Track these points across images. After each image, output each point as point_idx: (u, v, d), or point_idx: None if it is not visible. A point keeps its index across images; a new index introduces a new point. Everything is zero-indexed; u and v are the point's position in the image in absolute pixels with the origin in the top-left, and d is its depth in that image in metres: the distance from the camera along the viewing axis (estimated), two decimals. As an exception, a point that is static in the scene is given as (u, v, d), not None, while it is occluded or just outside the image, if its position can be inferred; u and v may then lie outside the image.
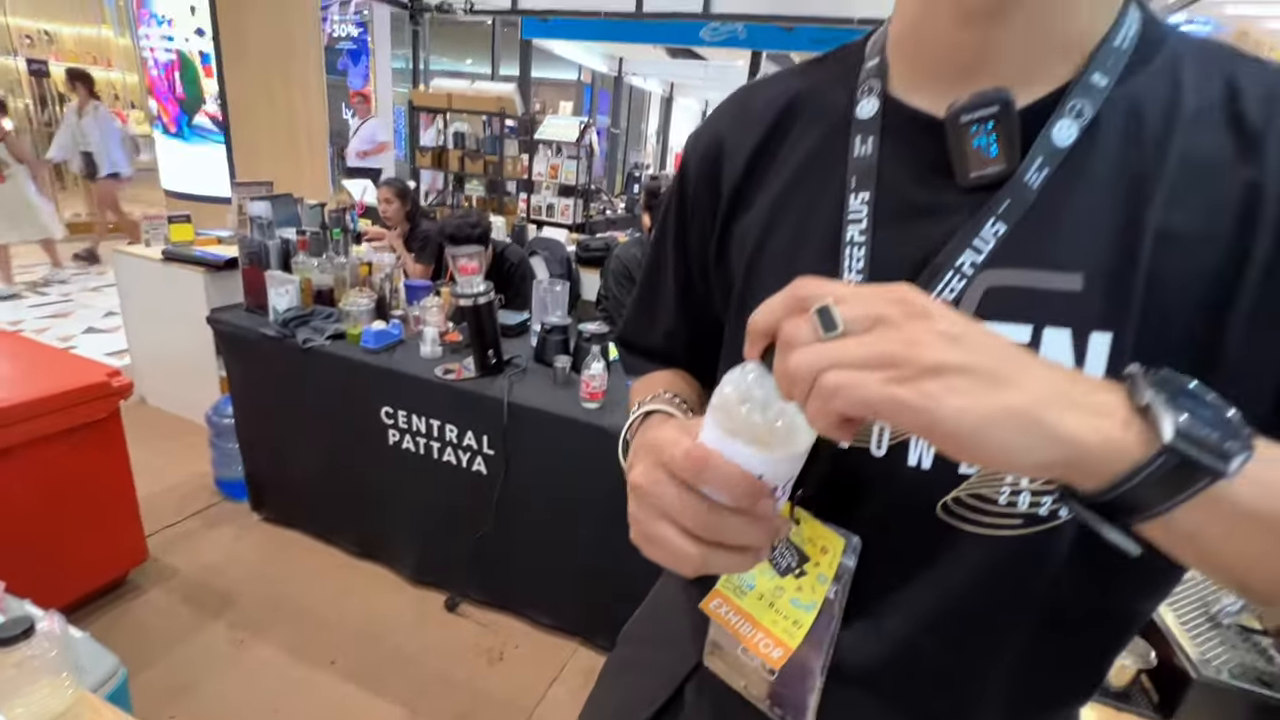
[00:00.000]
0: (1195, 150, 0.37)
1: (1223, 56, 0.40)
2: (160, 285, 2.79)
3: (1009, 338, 0.31)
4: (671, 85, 12.02)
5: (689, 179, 0.55)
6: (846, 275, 0.44)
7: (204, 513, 2.33)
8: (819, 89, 0.50)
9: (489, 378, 1.79)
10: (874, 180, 0.44)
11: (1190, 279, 0.36)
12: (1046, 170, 0.39)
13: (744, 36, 4.72)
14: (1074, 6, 0.38)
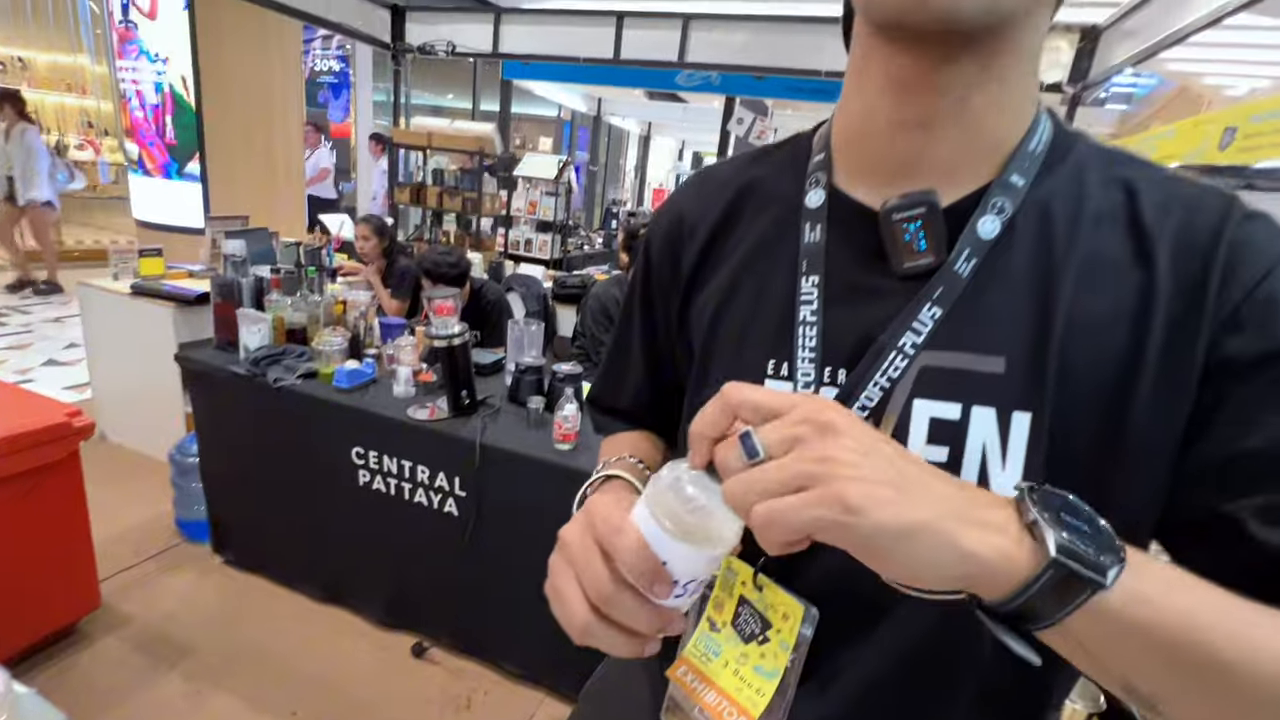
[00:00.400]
0: (1099, 249, 0.42)
1: (1122, 163, 0.45)
2: (127, 319, 2.74)
3: (913, 453, 0.34)
4: (649, 124, 12.33)
5: (653, 255, 0.59)
6: (800, 353, 0.47)
7: (162, 555, 2.25)
8: (771, 176, 0.54)
9: (462, 418, 1.79)
10: (823, 264, 0.48)
11: (1096, 365, 0.40)
12: (974, 260, 0.43)
13: (718, 83, 4.90)
14: (995, 117, 0.43)
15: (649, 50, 3.78)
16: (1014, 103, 0.43)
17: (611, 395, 0.69)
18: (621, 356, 0.66)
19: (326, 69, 8.51)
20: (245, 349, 1.99)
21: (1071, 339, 0.41)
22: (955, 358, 0.43)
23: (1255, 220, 0.41)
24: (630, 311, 0.63)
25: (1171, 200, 0.42)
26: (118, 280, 2.82)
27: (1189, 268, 0.40)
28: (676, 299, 0.57)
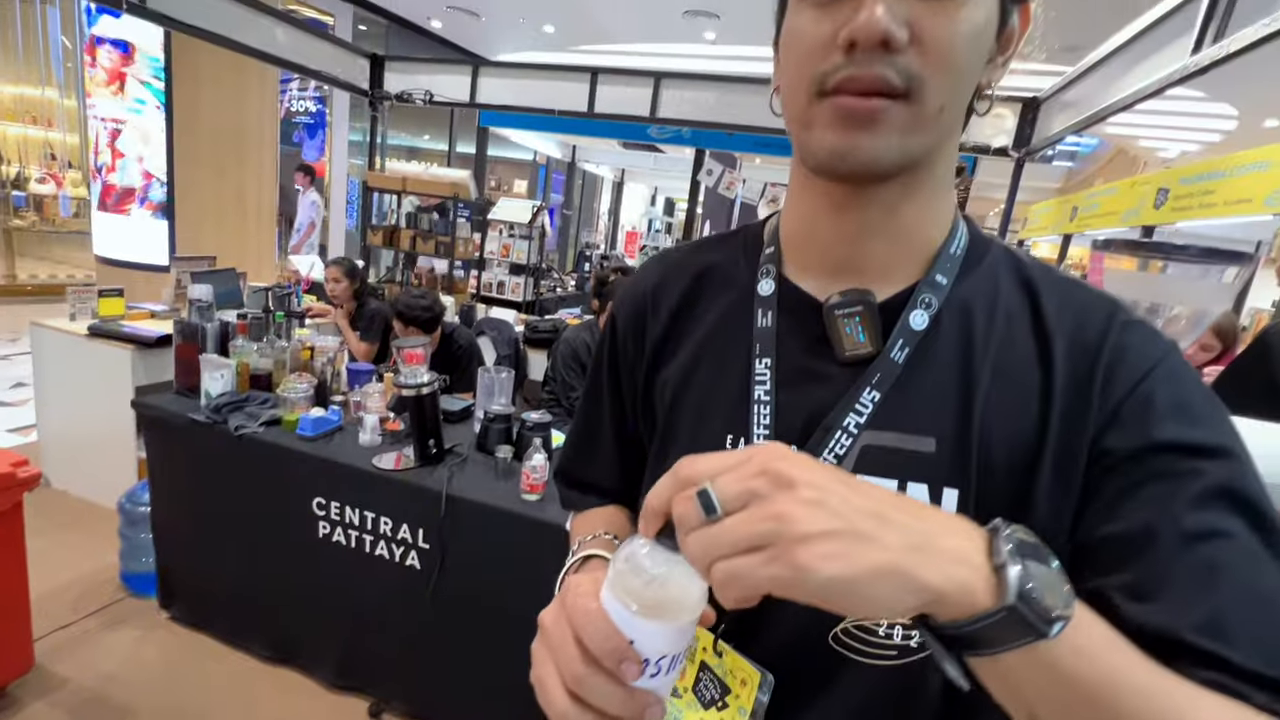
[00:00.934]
0: (1009, 346, 0.47)
1: (1027, 267, 0.51)
2: (82, 360, 2.66)
3: (870, 484, 0.35)
4: (623, 171, 12.65)
5: (619, 330, 0.62)
6: (756, 429, 0.51)
7: (104, 611, 2.13)
8: (726, 262, 0.59)
9: (428, 467, 1.77)
10: (774, 348, 0.52)
11: (1010, 451, 0.45)
12: (907, 349, 0.48)
13: (688, 136, 5.09)
14: (918, 226, 0.49)
15: (622, 105, 3.92)
16: (934, 213, 0.50)
17: (581, 468, 0.70)
18: (590, 428, 0.67)
19: (303, 109, 8.56)
20: (207, 395, 1.95)
21: (989, 425, 0.46)
22: (892, 437, 0.47)
23: (1134, 326, 0.46)
24: (599, 383, 0.65)
25: (1066, 305, 0.47)
26: (74, 321, 2.75)
27: (1080, 367, 0.45)
28: (641, 372, 0.60)
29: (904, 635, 0.47)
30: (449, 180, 4.33)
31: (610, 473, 0.67)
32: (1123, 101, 2.28)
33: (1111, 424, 0.43)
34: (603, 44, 8.40)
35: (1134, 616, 0.38)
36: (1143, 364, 0.44)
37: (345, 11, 8.10)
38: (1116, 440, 0.43)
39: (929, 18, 0.40)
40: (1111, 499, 0.42)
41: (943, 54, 0.41)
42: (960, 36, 0.41)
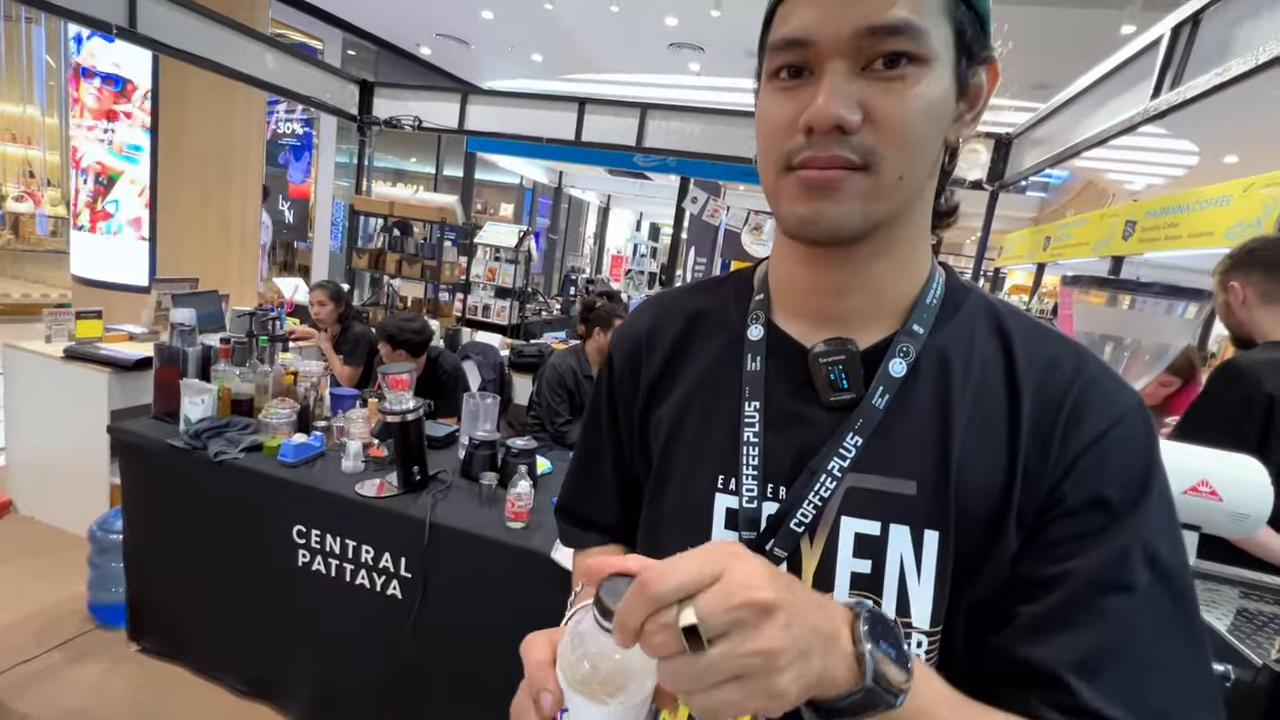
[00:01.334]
0: (983, 393, 0.50)
1: (1003, 316, 0.53)
2: (56, 384, 2.61)
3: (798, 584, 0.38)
4: (609, 196, 12.80)
5: (616, 368, 0.64)
6: (745, 470, 0.53)
7: (70, 644, 2.06)
8: (719, 307, 0.61)
9: (412, 494, 1.76)
10: (763, 391, 0.54)
11: (984, 495, 0.48)
12: (887, 396, 0.50)
13: (674, 165, 5.19)
14: (893, 280, 0.52)
15: (609, 134, 3.99)
16: (908, 268, 0.52)
17: (582, 504, 0.71)
18: (591, 464, 0.68)
19: (290, 131, 8.58)
20: (186, 420, 1.93)
21: (965, 471, 0.48)
22: (875, 480, 0.50)
23: (1096, 382, 0.49)
24: (598, 417, 0.67)
25: (1036, 355, 0.50)
26: (50, 343, 2.70)
27: (1044, 417, 0.48)
28: (637, 410, 0.62)
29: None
30: (436, 205, 4.36)
31: (611, 509, 0.68)
32: (1089, 141, 2.38)
33: (1067, 476, 0.47)
34: (590, 73, 8.57)
35: (1024, 650, 0.45)
36: (1101, 423, 0.47)
37: (335, 36, 8.18)
38: (1068, 492, 0.46)
39: (881, 97, 0.43)
40: (1049, 543, 0.47)
41: (896, 131, 0.43)
42: (913, 113, 0.43)
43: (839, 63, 0.43)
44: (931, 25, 0.43)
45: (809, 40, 0.43)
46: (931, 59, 0.43)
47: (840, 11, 0.42)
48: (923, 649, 0.49)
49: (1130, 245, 5.89)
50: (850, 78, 0.43)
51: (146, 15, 2.88)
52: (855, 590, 0.50)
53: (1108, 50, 2.33)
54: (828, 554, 0.50)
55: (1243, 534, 1.15)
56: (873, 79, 0.43)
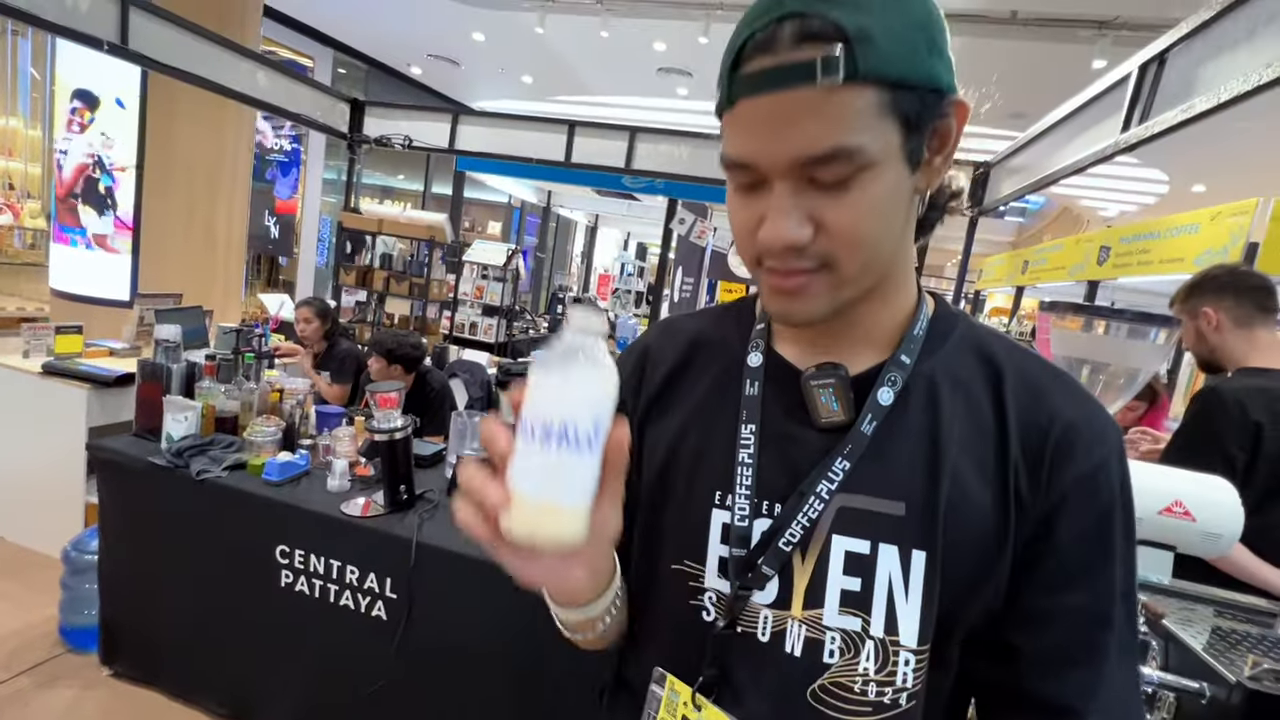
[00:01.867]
0: (970, 419, 0.52)
1: (991, 343, 0.55)
2: (32, 399, 2.56)
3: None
4: (597, 216, 12.89)
5: (621, 380, 0.66)
6: (739, 489, 0.54)
7: (40, 668, 2.00)
8: (720, 332, 0.63)
9: (398, 514, 1.75)
10: (759, 415, 0.56)
11: (970, 517, 0.50)
12: (875, 422, 0.52)
13: (661, 186, 5.26)
14: (878, 318, 0.55)
15: (598, 156, 4.05)
16: (892, 309, 0.55)
17: None
18: None
19: (277, 147, 8.58)
20: (169, 438, 1.90)
21: (954, 495, 0.50)
22: (865, 500, 0.51)
23: (1082, 413, 0.51)
24: None
25: (1022, 380, 0.53)
26: (28, 358, 2.65)
27: (1032, 441, 0.50)
28: (634, 425, 0.63)
29: (878, 693, 0.50)
30: (426, 223, 4.37)
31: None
32: (1064, 170, 2.46)
33: (1059, 507, 0.50)
34: (579, 95, 8.69)
35: (1033, 684, 0.51)
36: (1093, 455, 0.50)
37: (325, 55, 8.23)
38: (1061, 524, 0.50)
39: (830, 209, 0.45)
40: (1045, 577, 0.50)
41: (848, 236, 0.46)
42: (863, 217, 0.45)
43: (784, 183, 0.45)
44: (868, 136, 0.43)
45: (752, 164, 0.46)
46: (873, 163, 0.44)
47: (775, 144, 0.44)
48: (910, 666, 0.50)
49: (1105, 270, 6.05)
50: (797, 193, 0.45)
51: (138, 32, 2.90)
52: (845, 607, 0.51)
53: (1080, 83, 2.43)
54: (819, 570, 0.52)
55: (1215, 554, 1.18)
56: (820, 192, 0.45)
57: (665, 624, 0.59)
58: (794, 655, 0.52)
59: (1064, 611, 0.50)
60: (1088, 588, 0.50)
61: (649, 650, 0.61)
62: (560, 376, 0.41)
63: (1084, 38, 4.94)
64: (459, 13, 6.44)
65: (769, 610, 0.53)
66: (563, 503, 0.42)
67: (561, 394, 0.41)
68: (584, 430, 0.41)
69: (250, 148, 5.08)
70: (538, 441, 0.41)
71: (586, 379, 0.42)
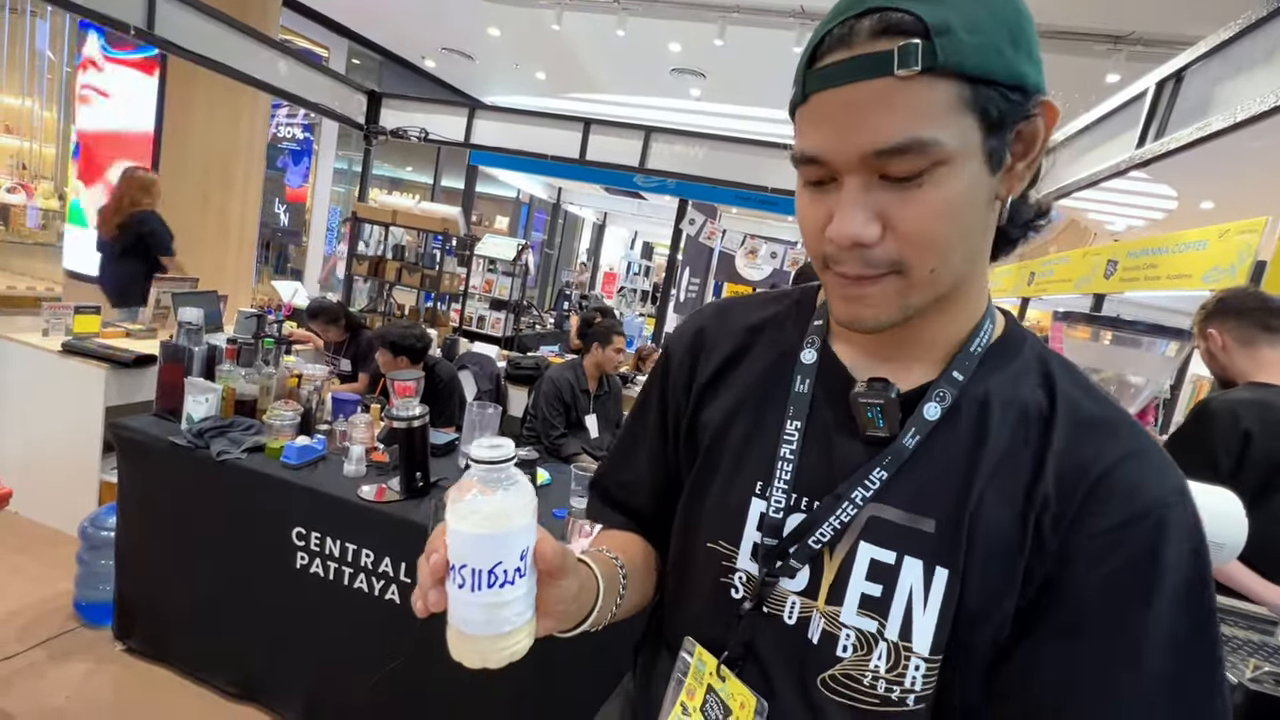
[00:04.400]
0: (1012, 446, 0.51)
1: (1055, 372, 0.53)
2: (51, 378, 2.59)
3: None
4: (605, 214, 12.92)
5: (673, 361, 0.68)
6: (777, 483, 0.56)
7: (54, 641, 2.04)
8: (778, 321, 0.64)
9: (413, 500, 1.78)
10: (806, 413, 0.57)
11: (993, 541, 0.50)
12: (919, 437, 0.53)
13: (673, 186, 5.29)
14: (938, 330, 0.54)
15: (612, 154, 4.08)
16: (956, 317, 0.54)
17: (614, 483, 0.73)
18: (633, 446, 0.72)
19: (290, 136, 8.61)
20: (189, 419, 1.93)
21: (978, 518, 0.50)
22: (897, 514, 0.52)
23: (1131, 461, 0.48)
24: (647, 406, 0.70)
25: (1079, 416, 0.51)
26: (47, 336, 2.69)
27: (1068, 478, 0.48)
28: (688, 403, 0.65)
29: (886, 687, 0.52)
30: (439, 215, 4.40)
31: (642, 495, 0.71)
32: (1076, 184, 2.49)
33: (1083, 554, 0.47)
34: (591, 93, 8.71)
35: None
36: (1130, 507, 0.47)
37: (341, 45, 8.26)
38: (1081, 572, 0.47)
39: (900, 208, 0.44)
40: (1055, 624, 0.48)
41: (918, 239, 0.44)
42: (933, 219, 0.44)
43: (855, 178, 0.44)
44: (943, 129, 0.42)
45: (823, 159, 0.45)
46: (948, 160, 0.43)
47: (848, 136, 0.43)
48: (920, 672, 0.51)
49: (1111, 284, 6.06)
50: (868, 189, 0.44)
51: (164, 17, 2.93)
52: (863, 610, 0.52)
53: (1094, 96, 2.45)
54: (842, 571, 0.53)
55: (1218, 563, 1.21)
56: (891, 188, 0.44)
57: (698, 595, 0.62)
58: (813, 642, 0.54)
59: (1066, 658, 0.47)
60: (1092, 639, 0.46)
61: (681, 616, 0.64)
62: (478, 517, 0.42)
63: (1099, 51, 4.96)
64: (476, 7, 6.47)
65: (797, 597, 0.55)
66: (503, 629, 0.44)
67: (483, 536, 0.42)
68: (512, 565, 0.43)
69: (265, 137, 5.12)
70: (468, 587, 0.42)
71: (506, 512, 0.42)
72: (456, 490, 0.44)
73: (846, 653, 0.53)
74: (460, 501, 0.43)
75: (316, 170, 8.64)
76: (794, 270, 4.67)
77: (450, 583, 0.43)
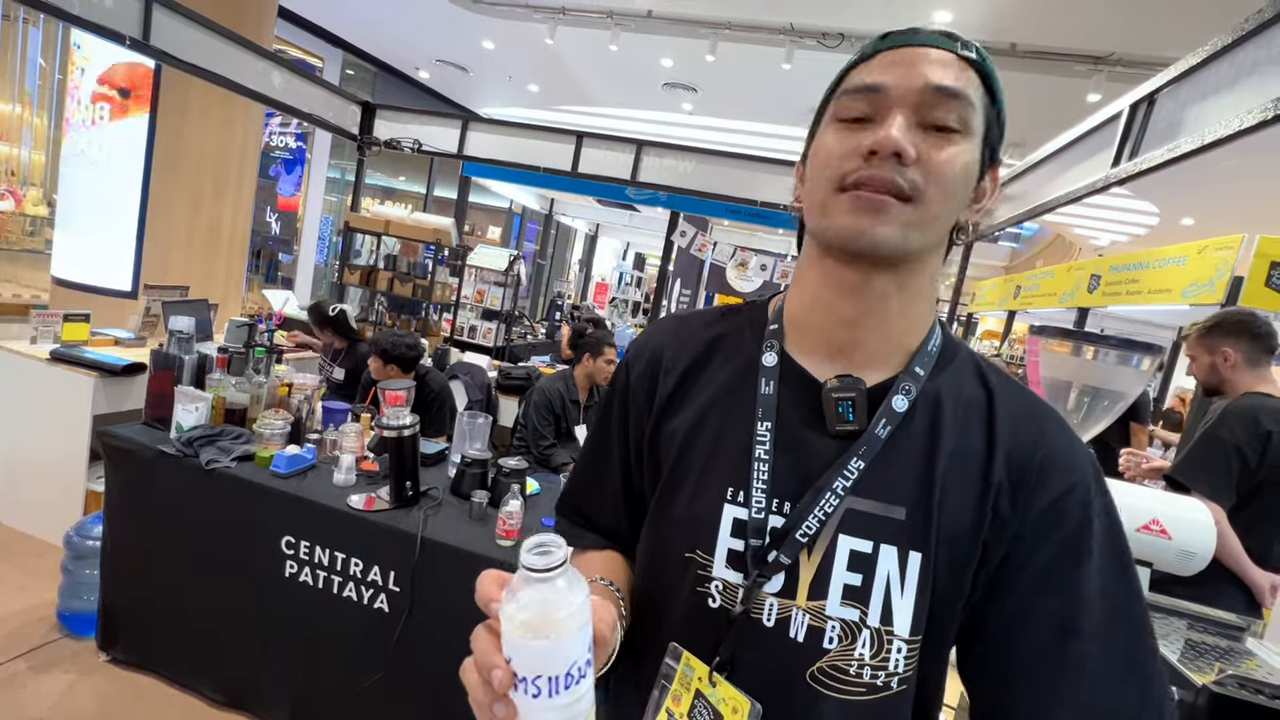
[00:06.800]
0: (965, 436, 0.57)
1: (987, 371, 0.61)
2: (38, 386, 2.58)
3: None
4: (597, 225, 12.98)
5: (631, 378, 0.69)
6: (755, 484, 0.58)
7: (36, 652, 2.02)
8: (736, 332, 0.67)
9: (403, 509, 1.79)
10: (774, 414, 0.60)
11: (956, 523, 0.55)
12: (890, 427, 0.56)
13: (665, 199, 5.34)
14: (902, 321, 0.59)
15: (604, 167, 4.12)
16: (916, 314, 0.59)
17: (584, 502, 0.74)
18: (596, 463, 0.72)
19: (283, 145, 8.62)
20: (179, 427, 1.93)
21: (943, 503, 0.55)
22: (870, 504, 0.56)
23: (1059, 440, 0.57)
24: (608, 421, 0.71)
25: (1013, 407, 0.58)
26: (35, 344, 2.68)
27: (1016, 461, 0.56)
28: (649, 421, 0.66)
29: (871, 674, 0.55)
30: (431, 226, 4.42)
31: (611, 511, 0.71)
32: (1056, 201, 2.55)
33: (1034, 528, 0.55)
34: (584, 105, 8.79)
35: (1000, 699, 0.56)
36: (1065, 483, 0.55)
37: (335, 56, 8.31)
38: (1033, 543, 0.55)
39: (931, 148, 0.52)
40: (1017, 589, 0.56)
41: (940, 173, 0.52)
42: (954, 165, 0.52)
43: (903, 113, 0.52)
44: (976, 105, 0.53)
45: (883, 88, 0.53)
46: (971, 133, 0.53)
47: (914, 71, 0.52)
48: (902, 654, 0.54)
49: (1095, 298, 6.17)
50: (909, 128, 0.52)
51: (160, 28, 2.95)
52: (846, 600, 0.55)
53: (1075, 114, 2.52)
54: (824, 565, 0.56)
55: (1189, 571, 1.25)
56: (927, 134, 0.52)
57: (672, 605, 0.62)
58: (796, 640, 0.56)
59: (1035, 617, 0.54)
60: (1054, 596, 0.54)
61: (658, 628, 0.64)
62: (543, 624, 0.41)
63: (1080, 72, 5.09)
64: (471, 20, 6.54)
65: (774, 599, 0.57)
66: (581, 716, 0.43)
67: (553, 645, 0.41)
68: (583, 659, 0.42)
69: (258, 146, 5.12)
70: (545, 694, 0.41)
71: (573, 613, 0.41)
72: (509, 596, 0.42)
73: (833, 645, 0.55)
74: (522, 613, 0.41)
75: (309, 179, 8.64)
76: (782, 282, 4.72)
77: (522, 695, 0.42)
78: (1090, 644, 0.53)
